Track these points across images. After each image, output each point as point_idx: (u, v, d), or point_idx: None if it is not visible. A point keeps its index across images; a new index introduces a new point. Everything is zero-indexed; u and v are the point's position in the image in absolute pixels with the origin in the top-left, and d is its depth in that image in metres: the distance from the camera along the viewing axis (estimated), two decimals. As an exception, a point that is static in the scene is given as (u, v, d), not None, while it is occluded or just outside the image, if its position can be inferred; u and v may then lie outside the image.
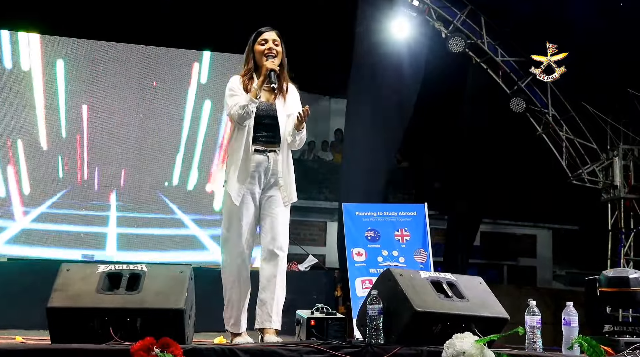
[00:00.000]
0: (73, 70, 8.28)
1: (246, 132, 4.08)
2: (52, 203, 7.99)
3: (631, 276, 4.47)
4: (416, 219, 7.34)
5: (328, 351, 3.39)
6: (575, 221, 13.11)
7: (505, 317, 3.89)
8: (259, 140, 4.10)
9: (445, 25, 8.48)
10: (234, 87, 4.14)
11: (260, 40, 4.18)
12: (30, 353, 3.15)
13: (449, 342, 3.37)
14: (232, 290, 4.16)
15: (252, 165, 4.07)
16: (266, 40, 4.17)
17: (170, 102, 8.51)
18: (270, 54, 4.14)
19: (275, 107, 4.17)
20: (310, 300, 7.07)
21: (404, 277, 3.82)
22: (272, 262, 4.14)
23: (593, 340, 3.70)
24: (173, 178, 8.39)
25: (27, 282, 6.97)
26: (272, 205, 4.15)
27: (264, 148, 4.10)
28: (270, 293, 4.13)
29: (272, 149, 4.12)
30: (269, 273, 4.13)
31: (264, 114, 4.13)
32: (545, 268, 13.93)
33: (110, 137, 8.29)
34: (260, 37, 4.19)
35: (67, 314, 3.39)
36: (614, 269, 5.40)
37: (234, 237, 4.10)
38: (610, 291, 4.48)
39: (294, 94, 4.33)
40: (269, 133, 4.12)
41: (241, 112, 4.00)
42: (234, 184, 4.07)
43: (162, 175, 8.37)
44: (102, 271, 3.58)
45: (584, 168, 8.81)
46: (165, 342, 3.08)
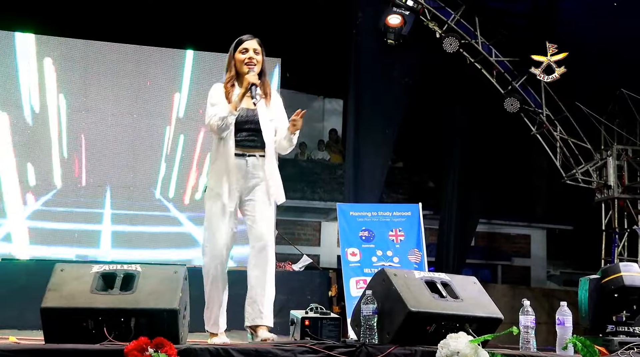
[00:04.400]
0: (65, 70, 8.24)
1: (228, 137, 4.12)
2: (45, 201, 7.95)
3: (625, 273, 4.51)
4: (410, 219, 7.36)
5: (322, 350, 3.39)
6: (569, 220, 13.16)
7: (499, 317, 3.90)
8: (240, 144, 4.15)
9: (439, 26, 8.49)
10: (215, 96, 4.19)
11: (241, 49, 4.22)
12: (24, 353, 3.14)
13: (443, 342, 3.38)
14: (211, 291, 4.20)
15: (232, 169, 4.12)
16: (247, 49, 4.21)
17: (164, 102, 8.48)
18: (251, 63, 4.18)
19: (257, 113, 4.21)
20: (304, 300, 7.08)
21: (398, 277, 3.83)
22: (260, 262, 4.17)
23: (587, 340, 3.71)
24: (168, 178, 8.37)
25: (21, 282, 6.97)
26: (255, 207, 4.19)
27: (244, 152, 4.14)
28: (260, 290, 4.17)
29: (252, 154, 4.16)
30: (257, 272, 4.17)
31: (246, 120, 4.18)
32: (540, 268, 13.97)
33: (104, 136, 8.26)
34: (241, 46, 4.22)
35: (61, 314, 3.39)
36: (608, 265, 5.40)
37: (212, 240, 4.16)
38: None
39: (277, 99, 4.37)
40: (250, 138, 4.16)
41: (220, 124, 4.05)
42: (214, 188, 4.14)
43: (156, 174, 8.34)
44: (96, 271, 3.58)
45: (577, 168, 8.82)
46: (159, 342, 3.08)
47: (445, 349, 3.34)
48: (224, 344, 3.92)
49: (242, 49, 4.21)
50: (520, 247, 13.95)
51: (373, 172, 8.43)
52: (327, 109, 13.78)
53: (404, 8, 8.21)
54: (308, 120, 13.51)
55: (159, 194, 8.33)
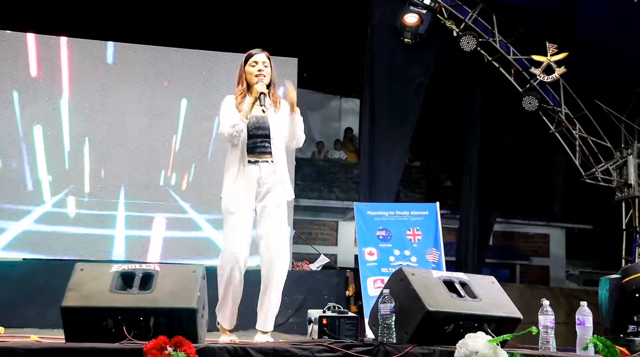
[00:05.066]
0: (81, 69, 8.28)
1: (240, 144, 4.34)
2: (57, 201, 7.98)
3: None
4: (428, 218, 7.34)
5: (340, 349, 3.39)
6: (588, 219, 13.05)
7: (518, 317, 3.88)
8: (252, 151, 4.35)
9: (456, 24, 8.45)
10: (227, 107, 4.41)
11: (251, 62, 4.45)
12: (46, 352, 3.17)
13: (461, 342, 3.37)
14: (226, 292, 4.31)
15: (246, 175, 4.33)
16: (256, 62, 4.44)
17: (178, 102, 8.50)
18: (261, 75, 4.40)
19: (267, 120, 4.41)
20: (321, 299, 7.09)
21: (416, 277, 3.83)
22: (270, 268, 4.32)
23: (608, 340, 3.68)
24: (186, 177, 8.38)
25: (42, 281, 7.03)
26: (267, 213, 4.36)
27: (257, 159, 4.35)
28: (267, 298, 4.33)
29: (264, 160, 4.35)
30: (267, 278, 4.33)
31: (257, 126, 4.39)
32: (559, 267, 13.86)
33: (120, 136, 8.29)
34: (251, 59, 4.46)
35: (81, 313, 3.42)
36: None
37: (230, 244, 4.30)
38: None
39: (286, 107, 4.53)
40: (261, 144, 4.36)
41: (231, 131, 4.28)
42: (230, 195, 4.32)
43: (173, 174, 8.35)
44: (116, 271, 3.61)
45: (597, 167, 8.75)
46: (178, 341, 3.10)
47: (464, 348, 3.32)
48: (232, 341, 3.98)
49: (252, 62, 4.45)
50: (539, 247, 13.84)
51: (389, 172, 8.41)
52: (343, 108, 13.75)
53: (420, 6, 8.19)
54: (325, 119, 13.53)
55: (176, 194, 8.32)
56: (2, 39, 8.14)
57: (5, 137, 8.04)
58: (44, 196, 7.98)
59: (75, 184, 8.07)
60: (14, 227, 7.83)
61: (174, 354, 3.03)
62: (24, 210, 7.90)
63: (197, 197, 8.29)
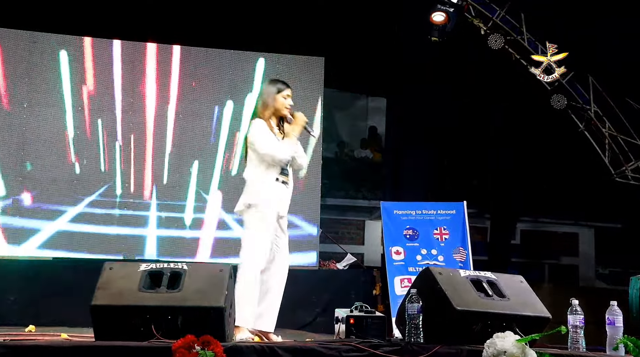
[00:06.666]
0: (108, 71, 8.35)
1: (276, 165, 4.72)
2: (90, 202, 8.05)
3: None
4: (455, 217, 7.29)
5: (367, 349, 3.39)
6: (617, 218, 12.88)
7: (547, 317, 3.84)
8: (282, 172, 4.76)
9: (484, 22, 8.39)
10: (265, 131, 4.72)
11: (284, 94, 4.83)
12: (76, 350, 3.22)
13: (489, 342, 3.35)
14: (248, 291, 4.47)
15: (276, 192, 4.70)
16: (289, 96, 4.85)
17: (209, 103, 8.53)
18: (290, 109, 4.83)
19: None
20: (348, 299, 7.08)
21: (444, 276, 3.81)
22: (279, 274, 4.70)
23: (639, 340, 3.64)
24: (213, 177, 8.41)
25: (72, 280, 7.10)
26: (283, 227, 4.80)
27: (284, 180, 4.77)
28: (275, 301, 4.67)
29: (286, 181, 4.78)
30: (275, 282, 4.68)
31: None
32: (588, 267, 13.71)
33: (149, 136, 8.35)
34: (284, 92, 4.84)
35: (110, 312, 3.46)
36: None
37: (258, 251, 4.57)
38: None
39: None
40: (285, 167, 4.79)
41: (286, 160, 4.70)
42: (259, 207, 4.62)
43: (202, 175, 8.40)
44: (144, 270, 3.65)
45: (627, 165, 8.62)
46: (206, 339, 3.12)
47: (492, 348, 3.30)
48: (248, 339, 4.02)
49: (285, 94, 4.83)
50: (567, 246, 13.71)
51: (416, 171, 8.38)
52: (370, 107, 13.73)
53: (448, 5, 8.14)
54: (351, 118, 13.50)
55: (205, 194, 8.36)
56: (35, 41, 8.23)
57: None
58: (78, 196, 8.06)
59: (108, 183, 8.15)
60: (49, 227, 7.92)
61: (202, 353, 3.05)
62: (60, 210, 7.99)
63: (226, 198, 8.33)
